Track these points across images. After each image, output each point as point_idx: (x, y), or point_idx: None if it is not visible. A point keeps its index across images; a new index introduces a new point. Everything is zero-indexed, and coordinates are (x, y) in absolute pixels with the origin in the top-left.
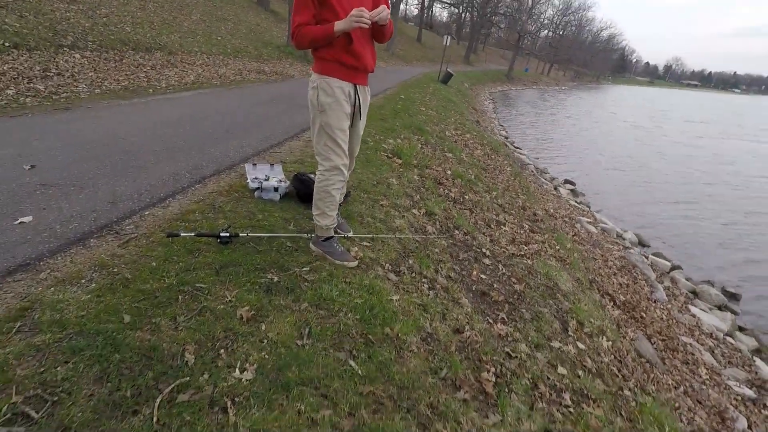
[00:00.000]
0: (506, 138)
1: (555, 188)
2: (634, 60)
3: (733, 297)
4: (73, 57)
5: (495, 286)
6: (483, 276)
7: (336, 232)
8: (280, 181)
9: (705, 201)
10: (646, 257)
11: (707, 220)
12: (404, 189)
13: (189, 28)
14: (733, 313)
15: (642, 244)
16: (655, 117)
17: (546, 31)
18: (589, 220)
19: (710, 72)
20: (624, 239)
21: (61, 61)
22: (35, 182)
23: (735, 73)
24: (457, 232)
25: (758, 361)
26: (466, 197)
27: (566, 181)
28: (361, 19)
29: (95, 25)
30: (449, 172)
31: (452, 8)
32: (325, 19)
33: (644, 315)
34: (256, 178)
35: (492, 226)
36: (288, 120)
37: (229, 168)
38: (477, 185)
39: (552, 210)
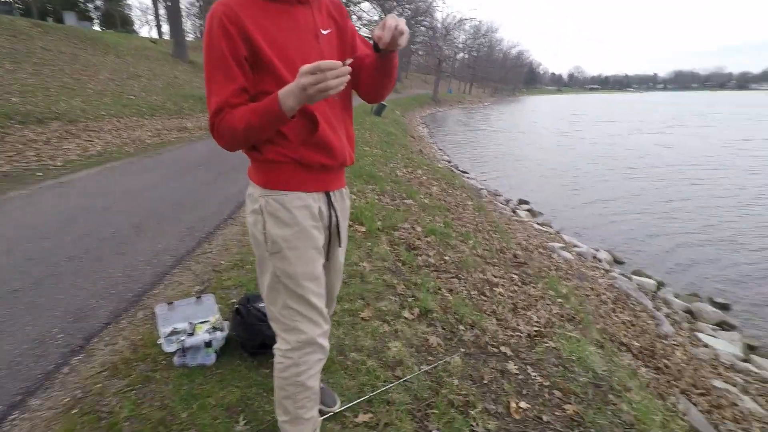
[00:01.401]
0: (450, 163)
1: (513, 211)
2: (542, 71)
3: (725, 308)
4: None
5: (544, 418)
6: (523, 405)
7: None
8: (214, 327)
9: (641, 197)
10: (629, 279)
11: (653, 218)
12: (382, 278)
13: (95, 90)
14: (734, 328)
15: (617, 261)
16: (570, 121)
17: (462, 54)
18: (560, 245)
19: (606, 76)
20: (601, 261)
21: None
22: None
23: (626, 75)
24: (462, 329)
25: None
26: (447, 259)
27: (521, 201)
28: (326, 78)
29: None
30: (419, 229)
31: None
32: (264, 92)
33: (668, 363)
34: (173, 333)
35: (487, 294)
36: (219, 193)
37: (133, 304)
38: (450, 236)
39: (525, 242)
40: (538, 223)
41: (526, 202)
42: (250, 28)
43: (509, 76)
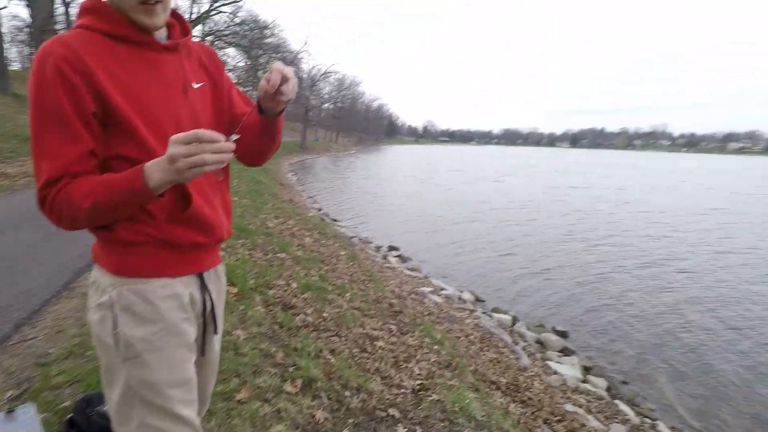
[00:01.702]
0: (320, 211)
1: (384, 258)
2: (401, 123)
3: (564, 335)
4: None
5: None
6: None
7: None
8: None
9: (489, 238)
10: (490, 316)
11: (501, 256)
12: (258, 347)
13: None
14: (573, 353)
15: (479, 300)
16: (426, 170)
17: (327, 104)
18: (430, 289)
19: (453, 130)
20: (465, 301)
21: None
22: None
23: (469, 130)
24: (348, 395)
25: (619, 404)
26: (326, 315)
27: (391, 248)
28: (202, 151)
29: None
30: (295, 285)
31: (241, 88)
32: (119, 156)
33: (530, 395)
34: None
35: (368, 349)
36: (50, 258)
37: None
38: (327, 290)
39: (398, 290)
40: (408, 269)
41: (396, 248)
42: (101, 78)
43: (371, 126)
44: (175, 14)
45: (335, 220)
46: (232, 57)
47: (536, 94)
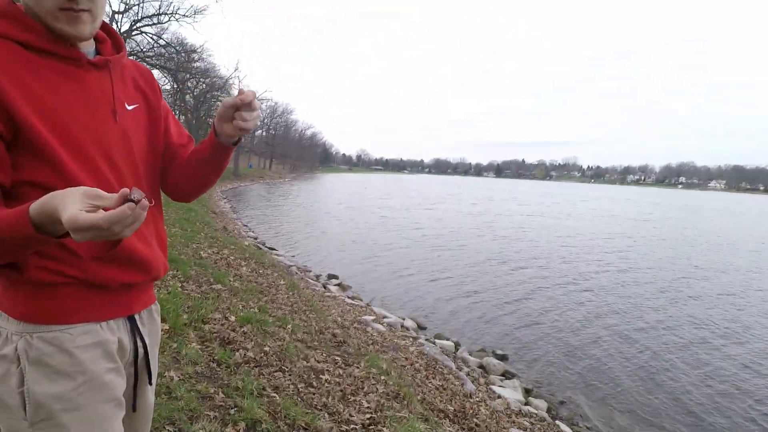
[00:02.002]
0: (256, 239)
1: (325, 287)
2: (335, 152)
3: (504, 358)
4: None
5: None
6: None
7: None
8: None
9: (424, 263)
10: (434, 343)
11: (436, 281)
12: (195, 388)
13: None
14: (513, 376)
15: (421, 327)
16: (361, 197)
17: (260, 131)
18: (372, 317)
19: (387, 159)
20: (408, 329)
21: None
22: None
23: (402, 159)
24: None
25: (561, 425)
26: (267, 350)
27: (330, 276)
28: (112, 234)
29: None
30: (233, 319)
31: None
32: (31, 183)
33: (477, 422)
34: None
35: (314, 384)
36: None
37: None
38: (268, 323)
39: (340, 319)
40: (349, 297)
41: (335, 277)
42: (10, 92)
43: (305, 154)
44: (106, 27)
45: (272, 249)
46: (157, 79)
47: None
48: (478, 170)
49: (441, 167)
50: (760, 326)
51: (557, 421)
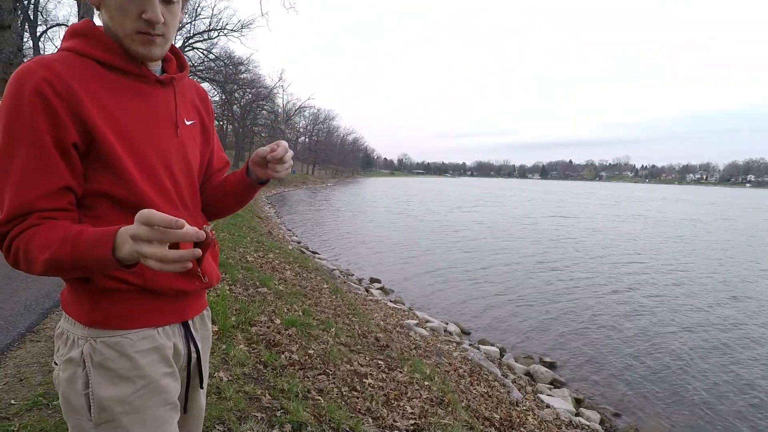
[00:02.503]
0: (299, 243)
1: (367, 291)
2: (376, 156)
3: (552, 366)
4: None
5: None
6: None
7: None
8: None
9: (465, 266)
10: (478, 349)
11: (479, 286)
12: (243, 389)
13: None
14: (563, 385)
15: (464, 332)
16: (402, 201)
17: (303, 137)
18: (415, 322)
19: (428, 163)
20: (452, 333)
21: None
22: None
23: (443, 162)
24: None
25: None
26: (311, 352)
27: (372, 280)
28: (163, 239)
29: None
30: (278, 322)
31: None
32: (98, 193)
33: (525, 431)
34: None
35: (357, 388)
36: (11, 298)
37: None
38: (312, 326)
39: (383, 323)
40: (391, 301)
41: (378, 281)
42: (88, 106)
43: (347, 159)
44: (171, 48)
45: (315, 253)
46: (207, 91)
47: (504, 131)
48: (522, 172)
49: (484, 170)
50: None
51: None
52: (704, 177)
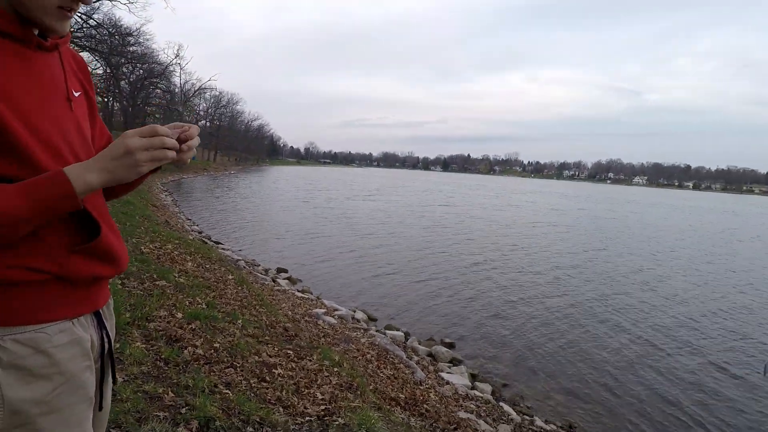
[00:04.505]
0: (201, 233)
1: (274, 281)
2: (282, 144)
3: (452, 346)
4: None
5: None
6: None
7: None
8: None
9: (370, 253)
10: (384, 334)
11: (383, 271)
12: (141, 389)
13: None
14: (461, 362)
15: (371, 319)
16: (308, 192)
17: (204, 121)
18: (323, 310)
19: (335, 152)
20: (359, 321)
21: None
22: None
23: (350, 152)
24: (251, 431)
25: (504, 406)
26: (217, 346)
27: (279, 270)
28: (163, 144)
29: None
30: (180, 316)
31: (99, 98)
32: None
33: (427, 407)
34: None
35: (267, 378)
36: None
37: None
38: (217, 318)
39: (291, 313)
40: (299, 291)
41: (285, 270)
42: None
43: (252, 146)
44: None
45: (218, 243)
46: (88, 63)
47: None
48: (426, 164)
49: (389, 161)
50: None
51: (501, 403)
52: (576, 173)
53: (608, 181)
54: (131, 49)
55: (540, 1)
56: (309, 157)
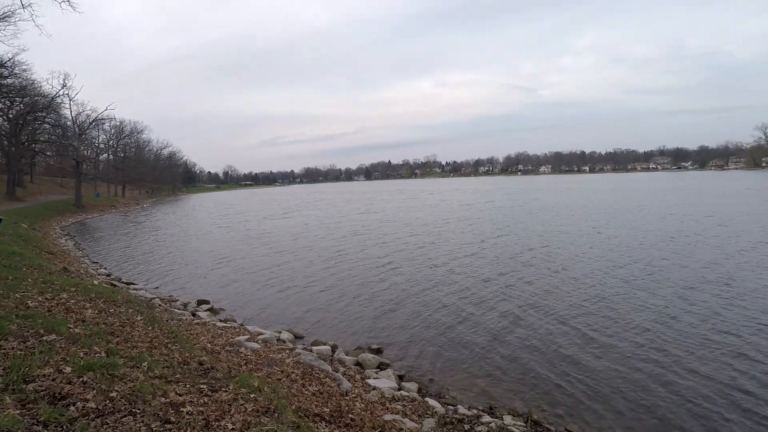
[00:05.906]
0: (109, 276)
1: (194, 314)
2: (199, 170)
3: (379, 351)
4: None
5: None
6: None
7: None
8: None
9: (287, 271)
10: (311, 351)
11: (305, 289)
12: None
13: None
14: (388, 366)
15: (298, 337)
16: (228, 215)
17: (106, 155)
18: (246, 337)
19: (256, 173)
20: (285, 341)
21: None
22: None
23: (271, 171)
24: None
25: (429, 401)
26: (114, 395)
27: (200, 302)
28: None
29: None
30: (68, 370)
31: None
32: None
33: (353, 417)
34: None
35: (172, 419)
36: None
37: None
38: (117, 365)
39: (210, 345)
40: (221, 320)
41: (206, 302)
42: None
43: (165, 176)
44: None
45: (130, 284)
46: None
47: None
48: (349, 175)
49: (312, 176)
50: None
51: (427, 399)
52: (491, 168)
53: (519, 173)
54: (6, 81)
55: (437, 4)
56: (229, 181)
